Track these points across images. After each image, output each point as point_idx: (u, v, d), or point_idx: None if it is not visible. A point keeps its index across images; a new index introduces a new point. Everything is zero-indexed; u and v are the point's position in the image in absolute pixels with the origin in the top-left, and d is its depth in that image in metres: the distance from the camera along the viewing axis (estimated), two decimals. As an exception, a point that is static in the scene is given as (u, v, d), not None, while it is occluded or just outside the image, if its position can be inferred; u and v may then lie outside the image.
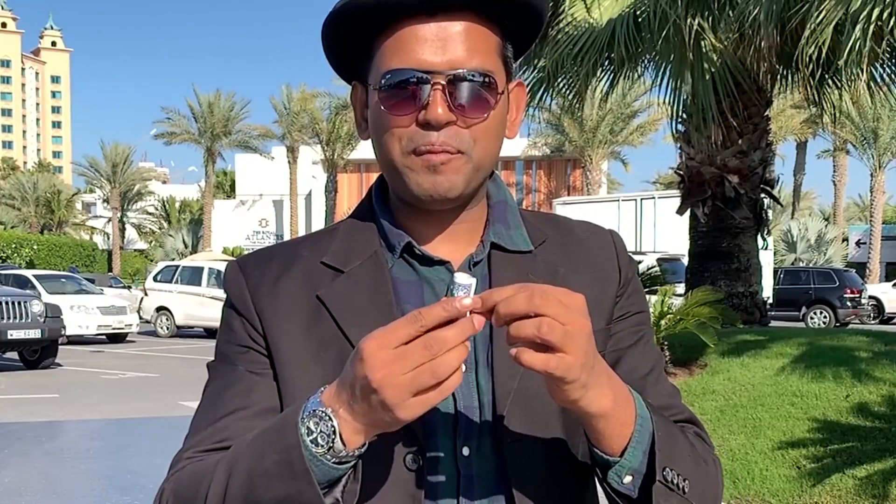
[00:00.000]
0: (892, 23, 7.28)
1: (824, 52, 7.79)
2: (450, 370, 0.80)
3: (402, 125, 0.96)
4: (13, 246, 44.08)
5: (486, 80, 0.96)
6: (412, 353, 0.79)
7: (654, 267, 11.57)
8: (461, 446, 0.98)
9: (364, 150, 45.33)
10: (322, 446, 0.84)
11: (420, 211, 1.02)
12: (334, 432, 0.84)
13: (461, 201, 1.01)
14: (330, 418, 0.84)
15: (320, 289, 1.01)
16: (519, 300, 0.81)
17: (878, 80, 9.26)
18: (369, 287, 1.00)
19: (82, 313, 18.79)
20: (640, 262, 12.86)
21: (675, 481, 0.92)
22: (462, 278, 0.84)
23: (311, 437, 0.84)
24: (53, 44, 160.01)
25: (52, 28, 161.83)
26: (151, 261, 49.75)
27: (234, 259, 1.11)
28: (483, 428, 0.99)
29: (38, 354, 14.48)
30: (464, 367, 0.93)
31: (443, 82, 0.94)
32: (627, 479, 0.92)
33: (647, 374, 1.06)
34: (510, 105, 1.04)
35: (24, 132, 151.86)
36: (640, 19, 9.38)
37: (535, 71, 10.30)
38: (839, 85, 9.82)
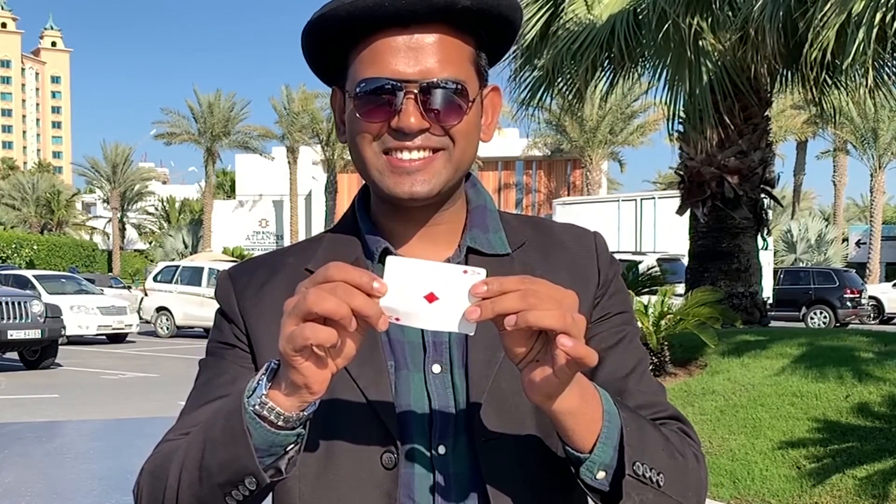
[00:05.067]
0: (895, 25, 7.28)
1: (827, 54, 7.79)
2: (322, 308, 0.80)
3: (376, 131, 1.00)
4: (13, 246, 44.07)
5: (458, 88, 0.99)
6: (297, 294, 0.83)
7: (654, 267, 11.58)
8: (436, 445, 1.01)
9: (364, 150, 45.31)
10: (249, 390, 0.88)
11: (398, 211, 1.05)
12: (264, 377, 0.88)
13: (439, 199, 1.04)
14: (270, 367, 0.89)
15: None
16: (512, 300, 0.82)
17: (880, 80, 9.26)
18: None
19: (82, 313, 18.78)
20: (640, 262, 12.87)
21: (648, 475, 0.93)
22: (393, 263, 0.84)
23: (249, 388, 0.89)
24: (53, 44, 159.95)
25: (52, 28, 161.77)
26: (151, 261, 49.75)
27: (225, 269, 1.17)
28: (458, 427, 1.01)
29: (38, 354, 14.47)
30: (438, 369, 1.02)
31: (415, 91, 0.97)
32: (601, 474, 0.93)
33: (630, 372, 1.08)
34: (485, 110, 1.07)
35: (24, 132, 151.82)
36: (640, 17, 9.39)
37: (535, 70, 10.30)
38: (839, 86, 9.82)
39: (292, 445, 0.90)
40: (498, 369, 1.01)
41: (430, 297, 0.84)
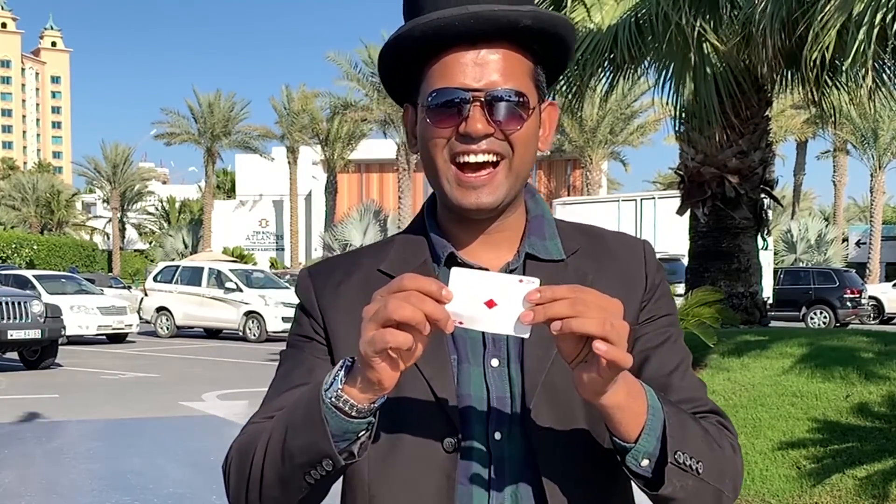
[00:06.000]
0: (895, 26, 7.27)
1: (827, 54, 7.79)
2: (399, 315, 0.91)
3: (445, 136, 1.11)
4: (13, 246, 44.09)
5: (520, 99, 1.10)
6: (375, 302, 0.94)
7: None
8: (493, 432, 1.12)
9: (364, 150, 45.33)
10: (326, 384, 1.00)
11: (463, 219, 1.16)
12: (340, 372, 0.99)
13: (501, 209, 1.15)
14: (345, 364, 1.00)
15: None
16: (561, 306, 0.92)
17: (880, 81, 9.26)
18: None
19: (82, 313, 18.79)
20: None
21: (688, 463, 1.03)
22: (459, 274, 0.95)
23: (326, 381, 1.00)
24: (53, 44, 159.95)
25: (52, 28, 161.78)
26: (151, 261, 49.77)
27: (305, 268, 1.29)
28: (514, 416, 1.12)
29: (38, 354, 14.47)
30: (496, 363, 1.14)
31: (482, 99, 1.09)
32: (644, 462, 1.03)
33: (674, 370, 1.18)
34: (542, 122, 1.18)
35: (24, 132, 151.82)
36: (641, 22, 9.38)
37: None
38: (840, 86, 9.82)
39: (364, 432, 1.01)
40: (551, 365, 1.11)
41: (490, 304, 0.94)
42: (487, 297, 0.94)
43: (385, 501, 1.12)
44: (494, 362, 1.13)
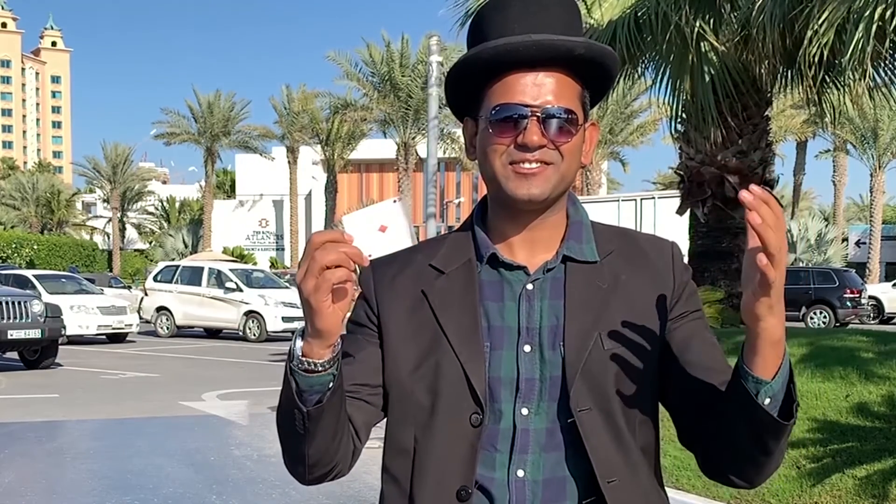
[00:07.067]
0: (894, 22, 7.27)
1: (826, 52, 7.79)
2: (318, 266, 1.10)
3: (505, 145, 1.28)
4: (13, 246, 44.10)
5: (569, 116, 1.28)
6: (304, 261, 1.12)
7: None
8: (520, 408, 1.29)
9: (364, 150, 45.32)
10: (289, 354, 1.19)
11: (511, 214, 1.33)
12: (296, 341, 1.18)
13: (545, 204, 1.30)
14: (299, 333, 1.19)
15: (425, 285, 1.36)
16: (778, 237, 1.08)
17: (879, 80, 9.26)
18: (461, 286, 1.33)
19: (82, 313, 18.79)
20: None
21: (794, 417, 1.17)
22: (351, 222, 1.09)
23: (290, 352, 1.20)
24: (53, 44, 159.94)
25: (52, 28, 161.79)
26: (151, 261, 49.76)
27: (371, 260, 1.42)
28: (542, 395, 1.29)
29: (38, 354, 14.47)
30: (528, 349, 1.30)
31: (538, 115, 1.26)
32: (767, 400, 1.15)
33: (712, 355, 1.34)
34: (585, 139, 1.35)
35: (25, 132, 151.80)
36: (640, 21, 9.38)
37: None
38: (839, 85, 9.82)
39: (330, 384, 1.19)
40: (587, 356, 1.28)
41: (382, 229, 1.33)
42: (378, 225, 1.09)
43: (420, 464, 1.31)
44: (527, 348, 1.30)
